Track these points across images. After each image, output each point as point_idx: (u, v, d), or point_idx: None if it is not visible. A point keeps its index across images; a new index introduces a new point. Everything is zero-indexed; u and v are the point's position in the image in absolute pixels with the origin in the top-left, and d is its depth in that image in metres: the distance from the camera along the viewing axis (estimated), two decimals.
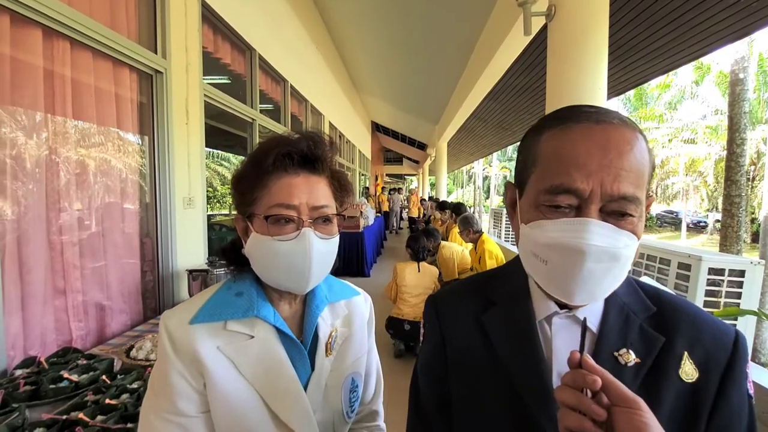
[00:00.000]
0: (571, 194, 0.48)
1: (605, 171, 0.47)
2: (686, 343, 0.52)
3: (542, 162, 0.52)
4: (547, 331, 0.57)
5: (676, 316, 0.54)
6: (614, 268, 0.48)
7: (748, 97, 6.79)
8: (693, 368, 0.51)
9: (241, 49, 3.47)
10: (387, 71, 8.09)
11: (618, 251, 0.47)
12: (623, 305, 0.56)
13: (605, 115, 0.49)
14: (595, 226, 0.47)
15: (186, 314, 0.64)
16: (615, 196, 0.47)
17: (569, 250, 0.47)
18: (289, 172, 0.65)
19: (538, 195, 0.52)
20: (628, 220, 0.48)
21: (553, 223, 0.50)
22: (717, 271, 2.04)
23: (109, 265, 1.88)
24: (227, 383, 0.61)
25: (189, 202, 2.40)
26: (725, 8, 2.87)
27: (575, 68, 2.14)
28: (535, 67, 4.67)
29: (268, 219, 0.63)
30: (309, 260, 0.63)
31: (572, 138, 0.49)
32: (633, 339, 0.53)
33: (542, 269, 0.52)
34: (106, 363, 1.33)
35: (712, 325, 0.53)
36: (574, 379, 0.42)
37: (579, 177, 0.47)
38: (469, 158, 16.41)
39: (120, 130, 1.96)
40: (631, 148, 0.47)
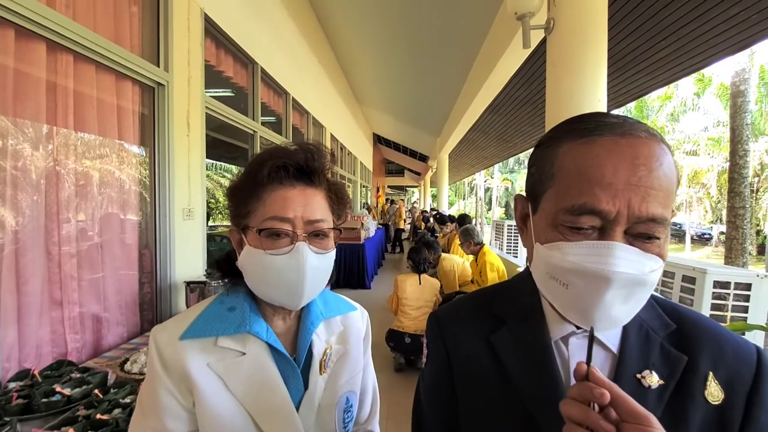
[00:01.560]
0: (595, 215, 0.44)
1: (633, 190, 0.43)
2: (710, 361, 0.49)
3: (561, 177, 0.48)
4: (564, 352, 0.53)
5: (697, 332, 0.51)
6: (639, 293, 0.45)
7: (749, 108, 6.81)
8: (719, 389, 0.48)
9: (243, 63, 3.50)
10: (388, 84, 8.16)
11: (644, 277, 0.43)
12: (642, 323, 0.52)
13: (631, 127, 0.45)
14: (620, 250, 0.43)
15: (176, 329, 0.62)
16: (643, 218, 0.43)
17: (593, 277, 0.43)
18: (284, 185, 0.63)
19: (556, 214, 0.47)
20: (655, 243, 0.44)
21: (575, 246, 0.45)
22: (722, 284, 2.00)
23: (107, 277, 1.87)
24: (217, 402, 0.59)
25: (189, 213, 2.40)
26: (725, 20, 2.89)
27: (574, 81, 2.14)
28: (535, 80, 4.70)
29: (261, 232, 0.61)
30: (302, 275, 0.61)
31: (596, 153, 0.45)
32: (655, 359, 0.50)
33: (561, 293, 0.48)
34: (99, 377, 1.31)
35: (733, 342, 0.50)
36: (581, 393, 0.40)
37: (604, 197, 0.43)
38: (471, 170, 16.44)
39: (121, 141, 1.97)
40: (660, 164, 0.44)
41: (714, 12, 2.80)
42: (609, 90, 3.37)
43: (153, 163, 2.17)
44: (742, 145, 6.53)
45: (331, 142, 6.86)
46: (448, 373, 0.60)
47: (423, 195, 20.89)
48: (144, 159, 2.16)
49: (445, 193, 11.39)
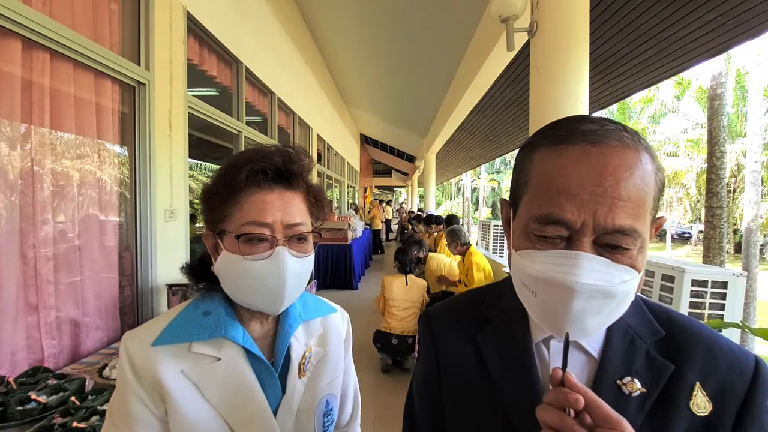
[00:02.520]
0: (561, 226, 0.44)
1: (599, 201, 0.42)
2: (699, 371, 0.47)
3: (534, 185, 0.48)
4: (545, 355, 0.53)
5: (689, 341, 0.49)
6: (609, 305, 0.43)
7: (726, 111, 7.01)
8: (706, 400, 0.46)
9: (228, 62, 3.46)
10: (375, 84, 8.16)
11: (612, 289, 0.42)
12: (628, 329, 0.51)
13: (604, 134, 0.44)
14: (586, 261, 0.42)
15: (148, 335, 0.61)
16: (609, 229, 0.42)
17: (558, 287, 0.43)
18: (262, 188, 0.61)
19: (528, 222, 0.47)
20: (626, 254, 0.43)
21: (543, 254, 0.45)
22: (700, 282, 2.05)
23: (86, 280, 1.83)
24: (191, 409, 0.58)
25: (171, 215, 2.36)
26: (702, 25, 2.97)
27: (557, 83, 2.17)
28: (520, 82, 4.76)
29: (240, 237, 0.60)
30: (283, 281, 0.60)
31: (565, 162, 0.44)
32: (638, 366, 0.49)
33: (532, 301, 0.48)
34: (77, 383, 1.27)
35: (729, 352, 0.48)
36: (557, 398, 0.40)
37: (570, 207, 0.43)
38: (458, 170, 16.56)
39: (100, 141, 1.93)
40: (631, 174, 0.42)
41: (691, 17, 2.88)
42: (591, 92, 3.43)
43: (134, 163, 2.12)
44: (719, 147, 6.73)
45: (317, 143, 6.82)
46: (436, 372, 0.62)
47: (410, 195, 20.94)
48: (124, 159, 2.12)
49: (432, 194, 11.44)
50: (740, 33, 3.00)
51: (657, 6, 2.84)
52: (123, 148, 2.11)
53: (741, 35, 3.05)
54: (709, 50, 3.39)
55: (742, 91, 14.55)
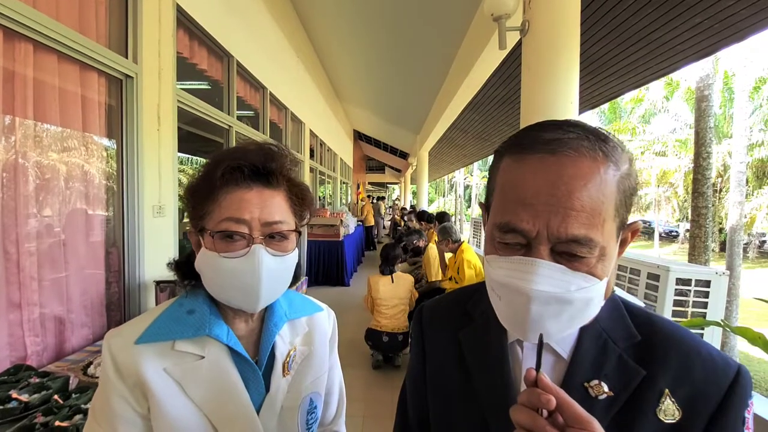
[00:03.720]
0: (518, 234, 0.45)
1: (552, 211, 0.43)
2: (671, 378, 0.47)
3: (498, 192, 0.50)
4: (518, 354, 0.55)
5: (665, 347, 0.49)
6: (568, 311, 0.44)
7: (713, 112, 7.12)
8: (675, 408, 0.46)
9: (219, 55, 3.42)
10: (369, 81, 8.13)
11: (568, 295, 0.43)
12: (602, 332, 0.52)
13: (562, 144, 0.44)
14: (542, 268, 0.43)
15: (132, 333, 0.60)
16: (563, 239, 0.43)
17: (516, 292, 0.44)
18: (240, 186, 0.61)
19: (492, 228, 0.49)
20: (584, 262, 0.44)
21: (505, 260, 0.47)
22: (684, 281, 2.09)
23: (71, 276, 1.80)
24: (174, 408, 0.58)
25: (159, 210, 2.33)
26: (690, 28, 3.00)
27: (548, 82, 2.18)
28: (512, 80, 4.77)
29: (216, 234, 0.60)
30: (258, 279, 0.59)
31: (524, 171, 0.46)
32: (608, 370, 0.49)
33: (498, 304, 0.49)
34: (60, 381, 1.26)
35: (708, 361, 0.48)
36: (530, 399, 0.40)
37: (526, 217, 0.44)
38: (450, 168, 16.60)
39: (86, 134, 1.90)
40: (585, 184, 0.42)
41: (679, 20, 2.91)
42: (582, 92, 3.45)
43: (121, 157, 2.09)
44: (705, 148, 6.84)
45: (310, 138, 6.78)
46: (422, 365, 0.64)
47: (404, 192, 20.95)
48: (112, 153, 2.09)
49: (425, 190, 11.45)
50: (726, 36, 3.04)
51: (646, 8, 2.86)
52: (110, 141, 2.08)
53: (727, 38, 3.09)
54: (696, 53, 3.44)
55: (729, 92, 14.81)
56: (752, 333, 1.19)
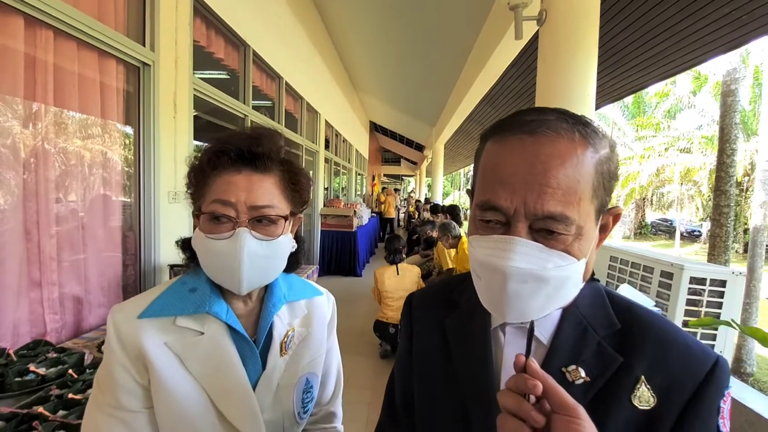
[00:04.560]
0: (498, 211, 0.47)
1: (528, 189, 0.44)
2: (647, 366, 0.48)
3: (480, 174, 0.51)
4: (501, 339, 0.56)
5: (644, 336, 0.50)
6: (544, 288, 0.45)
7: (739, 108, 6.83)
8: (650, 394, 0.47)
9: (235, 44, 3.45)
10: (385, 71, 8.09)
11: (544, 273, 0.44)
12: (582, 319, 0.52)
13: (540, 124, 0.46)
14: (519, 245, 0.45)
15: (135, 308, 0.63)
16: (540, 215, 0.44)
17: (494, 270, 0.46)
18: (228, 170, 0.64)
19: (474, 209, 0.51)
20: (559, 239, 0.45)
21: (485, 239, 0.48)
22: (699, 280, 2.03)
23: (89, 258, 1.87)
24: (173, 380, 0.61)
25: (174, 196, 2.38)
26: (717, 19, 2.89)
27: (565, 73, 2.14)
28: (530, 73, 4.68)
29: (204, 216, 0.63)
30: (239, 262, 0.61)
31: (504, 152, 0.48)
32: (587, 356, 0.50)
33: (479, 284, 0.51)
34: (76, 357, 1.31)
35: (684, 350, 0.48)
36: (517, 384, 0.41)
37: (504, 194, 0.46)
38: (466, 161, 16.45)
39: (104, 121, 1.95)
40: (562, 163, 0.44)
41: (706, 11, 2.80)
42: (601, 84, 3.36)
43: (138, 144, 2.14)
44: (730, 144, 6.57)
45: (325, 129, 6.80)
46: (409, 350, 0.66)
47: (419, 184, 20.88)
48: (129, 140, 2.14)
49: (440, 183, 11.40)
50: (756, 28, 2.92)
51: None
52: (128, 128, 2.13)
53: (756, 30, 2.97)
54: (723, 45, 3.31)
55: (759, 88, 14.19)
56: (763, 333, 1.16)
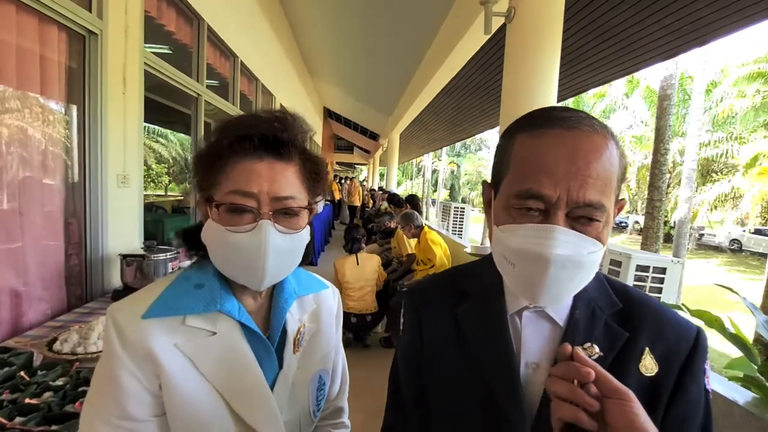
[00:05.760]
0: (539, 200, 0.49)
1: (572, 178, 0.47)
2: (648, 338, 0.54)
3: (515, 166, 0.53)
4: (517, 324, 0.58)
5: (642, 312, 0.56)
6: (579, 274, 0.49)
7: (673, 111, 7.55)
8: (653, 363, 0.53)
9: (188, 18, 3.20)
10: (343, 57, 7.92)
11: (582, 259, 0.48)
12: (590, 300, 0.57)
13: (577, 121, 0.50)
14: (560, 233, 0.47)
15: (137, 307, 0.57)
16: (581, 203, 0.48)
17: (535, 257, 0.48)
18: (249, 157, 0.58)
19: (509, 198, 0.53)
20: (594, 226, 0.49)
21: (522, 228, 0.50)
22: (643, 267, 2.26)
23: (26, 247, 1.67)
24: (186, 384, 0.56)
25: (123, 180, 2.19)
26: (661, 29, 3.13)
27: (530, 70, 2.22)
28: (488, 67, 4.81)
29: (222, 207, 0.57)
30: (264, 256, 0.57)
31: (543, 144, 0.50)
32: (597, 334, 0.55)
33: (511, 272, 0.52)
34: (24, 357, 1.18)
35: (674, 323, 0.56)
36: (567, 372, 0.43)
37: (547, 183, 0.48)
38: (420, 151, 16.67)
39: (44, 96, 1.73)
40: (600, 156, 0.48)
41: (652, 20, 3.02)
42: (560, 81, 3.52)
43: (83, 122, 1.93)
44: (664, 144, 7.28)
45: None
46: (419, 343, 0.66)
47: (371, 173, 20.87)
48: (72, 117, 1.92)
49: (395, 173, 11.48)
50: (692, 39, 3.20)
51: (623, 4, 2.95)
52: (70, 104, 1.91)
53: (692, 41, 3.25)
54: (663, 53, 3.60)
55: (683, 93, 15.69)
56: (710, 315, 1.31)
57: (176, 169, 24.27)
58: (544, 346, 0.57)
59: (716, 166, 17.00)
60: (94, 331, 1.30)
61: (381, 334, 3.82)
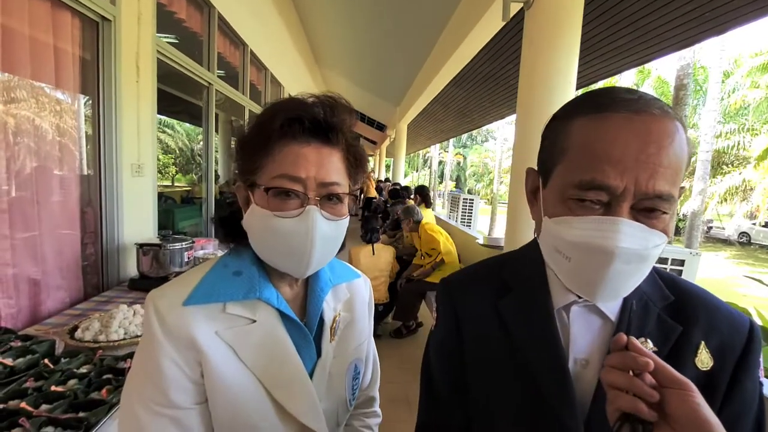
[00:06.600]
0: (603, 191, 0.45)
1: (642, 167, 0.44)
2: (703, 332, 0.52)
3: (573, 152, 0.49)
4: (565, 319, 0.56)
5: (694, 304, 0.54)
6: (642, 268, 0.46)
7: (689, 101, 7.41)
8: (709, 357, 0.51)
9: (199, 5, 3.16)
10: (351, 47, 7.83)
11: (648, 252, 0.45)
12: (642, 294, 0.54)
13: (645, 104, 0.45)
14: (626, 226, 0.44)
15: (178, 294, 0.56)
16: (650, 195, 0.44)
17: (597, 251, 0.45)
18: (297, 140, 0.56)
19: (565, 188, 0.49)
20: (661, 219, 0.46)
21: (581, 220, 0.47)
22: (662, 259, 2.23)
23: (44, 236, 1.67)
24: (227, 372, 0.55)
25: (138, 169, 2.18)
26: (679, 16, 3.04)
27: (549, 58, 2.17)
28: (500, 56, 4.72)
29: (269, 191, 0.55)
30: (311, 243, 0.56)
31: (608, 129, 0.46)
32: (651, 328, 0.53)
33: (565, 266, 0.50)
34: (46, 345, 1.18)
35: (728, 315, 0.54)
36: (623, 362, 0.41)
37: (613, 173, 0.44)
38: (426, 142, 16.56)
39: (58, 84, 1.72)
40: (672, 142, 0.44)
41: (669, 8, 2.94)
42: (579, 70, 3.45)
43: (97, 110, 1.92)
44: None
45: None
46: (457, 335, 0.63)
47: (378, 165, 20.81)
48: (87, 105, 1.91)
49: (402, 164, 11.42)
50: (711, 27, 3.11)
51: None
52: (85, 93, 1.90)
53: (711, 30, 3.17)
54: (679, 42, 3.50)
55: (696, 84, 15.40)
56: (735, 306, 1.28)
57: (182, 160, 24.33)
58: (594, 342, 0.54)
59: (727, 158, 16.72)
60: (115, 319, 1.30)
61: (392, 326, 3.82)
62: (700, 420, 0.38)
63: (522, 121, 2.36)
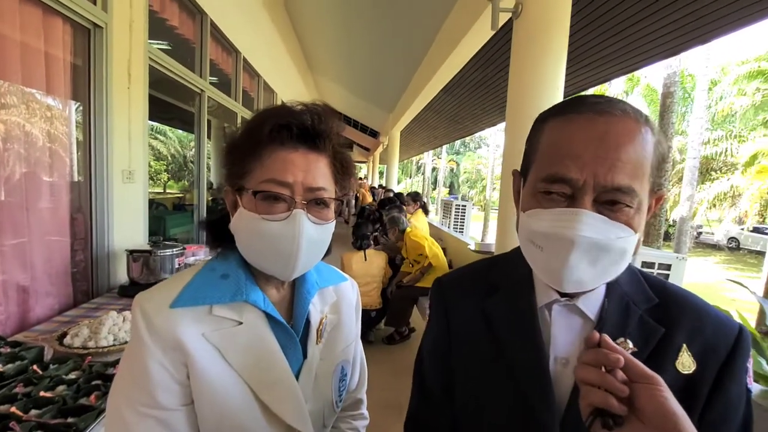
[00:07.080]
0: (566, 183, 0.49)
1: (600, 162, 0.47)
2: (686, 335, 0.52)
3: (542, 151, 0.53)
4: (547, 318, 0.58)
5: (680, 308, 0.54)
6: (605, 259, 0.48)
7: (675, 109, 7.56)
8: (691, 360, 0.51)
9: (191, 12, 3.18)
10: (344, 54, 7.89)
11: (609, 243, 0.47)
12: (623, 295, 0.56)
13: (608, 105, 0.49)
14: (586, 216, 0.47)
15: (165, 297, 0.57)
16: (608, 187, 0.47)
17: (560, 240, 0.48)
18: (285, 146, 0.59)
19: (535, 183, 0.52)
20: (623, 211, 0.48)
21: (548, 212, 0.50)
22: (649, 264, 2.27)
23: (34, 243, 1.66)
24: (214, 373, 0.56)
25: (129, 176, 2.18)
26: (665, 25, 3.12)
27: (538, 66, 2.21)
28: (491, 64, 4.79)
29: (257, 195, 0.57)
30: (298, 246, 0.57)
31: (572, 128, 0.49)
32: (631, 329, 0.53)
33: (538, 256, 0.52)
34: (35, 351, 1.17)
35: (715, 319, 0.53)
36: (596, 359, 0.42)
37: (573, 167, 0.48)
38: (420, 149, 16.64)
39: (49, 90, 1.72)
40: (631, 140, 0.47)
41: (656, 17, 3.01)
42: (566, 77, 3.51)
43: (88, 117, 1.92)
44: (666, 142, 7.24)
45: None
46: (446, 336, 0.65)
47: (371, 172, 20.86)
48: (78, 111, 1.91)
49: (395, 171, 11.46)
50: (696, 36, 3.19)
51: (628, 1, 2.94)
52: (76, 99, 1.90)
53: (696, 39, 3.25)
54: (665, 51, 3.58)
55: (683, 92, 15.69)
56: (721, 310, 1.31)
57: (174, 167, 24.17)
58: (575, 341, 0.56)
59: (715, 164, 17.00)
60: (104, 325, 1.30)
61: (384, 332, 3.82)
62: (667, 412, 0.39)
63: (511, 128, 2.40)
